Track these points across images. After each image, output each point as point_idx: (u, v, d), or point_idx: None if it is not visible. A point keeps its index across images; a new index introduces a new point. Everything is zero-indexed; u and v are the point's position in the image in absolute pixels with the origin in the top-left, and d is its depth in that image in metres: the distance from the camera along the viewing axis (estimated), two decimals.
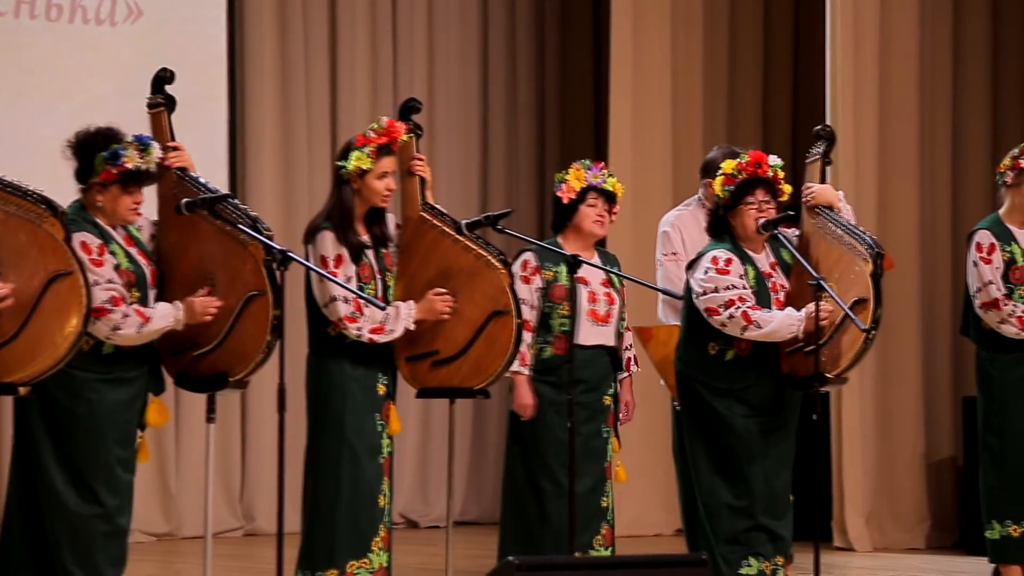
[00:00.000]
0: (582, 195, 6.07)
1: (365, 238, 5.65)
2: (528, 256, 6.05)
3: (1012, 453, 6.58)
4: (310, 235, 5.64)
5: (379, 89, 9.86)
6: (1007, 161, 6.65)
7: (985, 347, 6.65)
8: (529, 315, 5.98)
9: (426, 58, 10.08)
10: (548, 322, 6.01)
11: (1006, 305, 6.54)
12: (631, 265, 8.51)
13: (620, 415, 6.21)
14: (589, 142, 10.46)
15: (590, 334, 6.05)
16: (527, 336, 5.95)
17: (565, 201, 6.06)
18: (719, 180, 6.07)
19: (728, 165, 6.06)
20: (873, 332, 5.96)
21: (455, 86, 10.17)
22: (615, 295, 6.14)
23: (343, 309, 5.53)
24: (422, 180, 5.83)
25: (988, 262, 6.58)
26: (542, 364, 6.01)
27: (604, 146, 9.61)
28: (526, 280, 6.01)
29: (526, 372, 5.98)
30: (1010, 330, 6.54)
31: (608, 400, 6.14)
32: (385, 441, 5.68)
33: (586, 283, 6.08)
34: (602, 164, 6.13)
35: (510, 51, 10.39)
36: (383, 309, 5.57)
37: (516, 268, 6.01)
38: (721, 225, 6.13)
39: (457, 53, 10.17)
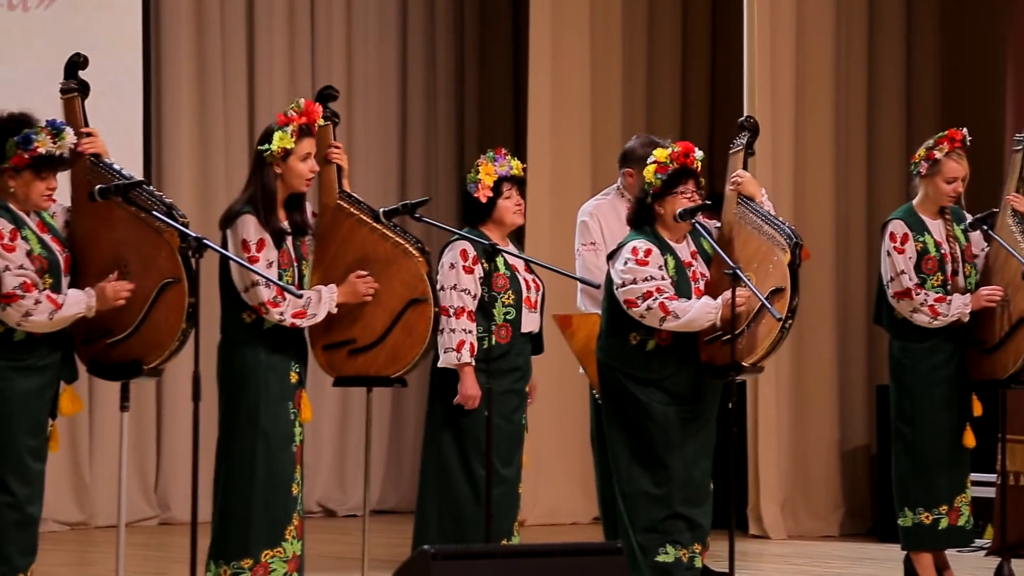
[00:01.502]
0: (497, 188, 6.06)
1: (285, 224, 5.62)
2: (466, 245, 6.01)
3: (923, 441, 6.65)
4: (229, 219, 5.59)
5: (297, 76, 9.80)
6: (921, 152, 6.71)
7: (898, 336, 6.72)
8: (472, 305, 5.96)
9: (344, 45, 10.03)
10: (489, 311, 5.98)
11: (918, 295, 6.60)
12: (550, 254, 8.53)
13: (528, 399, 6.22)
14: (508, 131, 10.45)
15: (526, 321, 6.06)
16: (472, 326, 5.93)
17: (483, 200, 6.04)
18: (651, 168, 6.08)
19: (661, 153, 6.08)
20: (789, 321, 6.01)
21: (373, 73, 10.13)
22: (539, 281, 6.15)
23: (265, 294, 5.50)
24: (339, 168, 5.80)
25: (901, 252, 6.64)
26: (483, 353, 5.97)
27: (523, 135, 9.61)
28: (468, 270, 5.98)
29: (473, 363, 5.95)
30: (922, 319, 6.61)
31: (528, 387, 6.16)
32: (298, 429, 5.66)
33: (518, 271, 6.08)
34: (504, 151, 6.12)
35: (429, 38, 10.36)
36: (299, 297, 5.53)
37: (456, 257, 5.98)
38: (643, 215, 6.15)
39: (375, 40, 10.13)
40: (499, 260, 6.00)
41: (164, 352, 5.34)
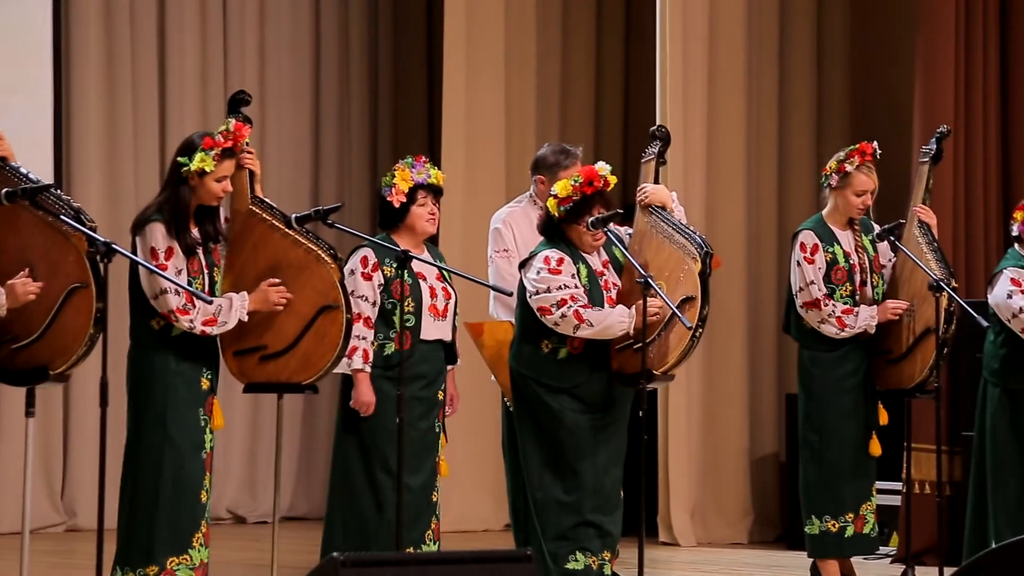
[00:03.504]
0: (411, 195, 6.05)
1: (196, 234, 5.58)
2: (367, 252, 6.01)
3: (830, 450, 6.72)
4: (139, 226, 5.55)
5: (209, 80, 9.74)
6: (832, 164, 6.79)
7: (806, 346, 6.78)
8: (371, 312, 5.95)
9: (257, 49, 9.99)
10: (390, 318, 5.98)
11: (827, 305, 6.67)
12: (463, 261, 8.54)
13: (447, 409, 6.21)
14: (422, 137, 10.45)
15: (430, 329, 6.04)
16: (368, 333, 5.92)
17: (396, 205, 6.03)
18: (552, 203, 6.10)
19: (562, 188, 6.08)
20: (700, 330, 6.04)
21: (287, 78, 10.09)
22: (450, 289, 6.14)
23: (174, 301, 5.45)
24: (251, 173, 5.77)
25: (811, 262, 6.71)
26: (384, 360, 5.97)
27: (437, 141, 9.61)
28: (367, 277, 5.97)
29: (368, 369, 5.94)
30: (830, 330, 6.68)
31: (441, 395, 6.15)
32: (208, 436, 5.62)
33: (424, 279, 6.07)
34: (423, 158, 6.11)
35: (343, 44, 10.34)
36: (209, 304, 5.50)
37: (356, 264, 5.97)
38: (554, 229, 6.17)
39: (289, 44, 10.09)
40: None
41: (71, 357, 5.29)
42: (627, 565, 6.55)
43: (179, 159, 5.56)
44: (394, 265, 5.98)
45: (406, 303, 5.95)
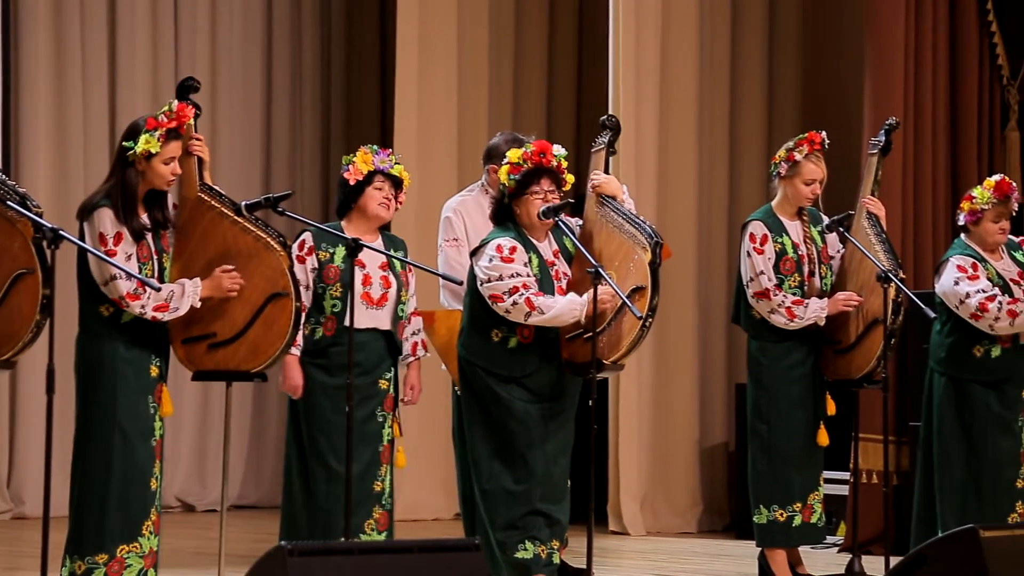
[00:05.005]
0: (369, 178, 6.04)
1: (145, 220, 5.55)
2: (305, 236, 6.01)
3: (779, 440, 6.75)
4: (87, 212, 5.52)
5: (159, 67, 9.68)
6: (781, 153, 6.81)
7: (756, 336, 6.81)
8: (304, 296, 5.93)
9: (208, 36, 9.93)
10: (320, 303, 5.97)
11: (776, 295, 6.70)
12: (415, 250, 8.52)
13: (404, 398, 6.19)
14: (375, 124, 10.43)
15: (363, 317, 6.02)
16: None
17: (352, 183, 6.02)
18: (504, 169, 6.11)
19: (514, 154, 6.11)
20: (650, 320, 6.06)
21: (238, 65, 10.04)
22: (392, 279, 6.11)
23: (124, 287, 5.42)
24: (200, 160, 5.74)
25: (760, 252, 6.73)
26: (313, 345, 5.97)
27: (389, 130, 9.59)
28: (301, 260, 5.97)
29: (296, 353, 5.93)
30: (779, 320, 6.71)
31: (385, 384, 6.11)
32: (157, 424, 5.59)
33: (362, 266, 6.04)
34: (390, 151, 6.11)
35: (295, 31, 10.30)
36: (158, 291, 5.47)
37: (294, 248, 5.96)
38: (505, 213, 6.17)
39: (240, 31, 10.04)
40: (337, 252, 5.99)
41: (17, 344, 5.25)
42: (576, 554, 6.56)
43: (124, 143, 5.53)
44: (331, 250, 5.97)
45: (333, 288, 5.94)
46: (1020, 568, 4.83)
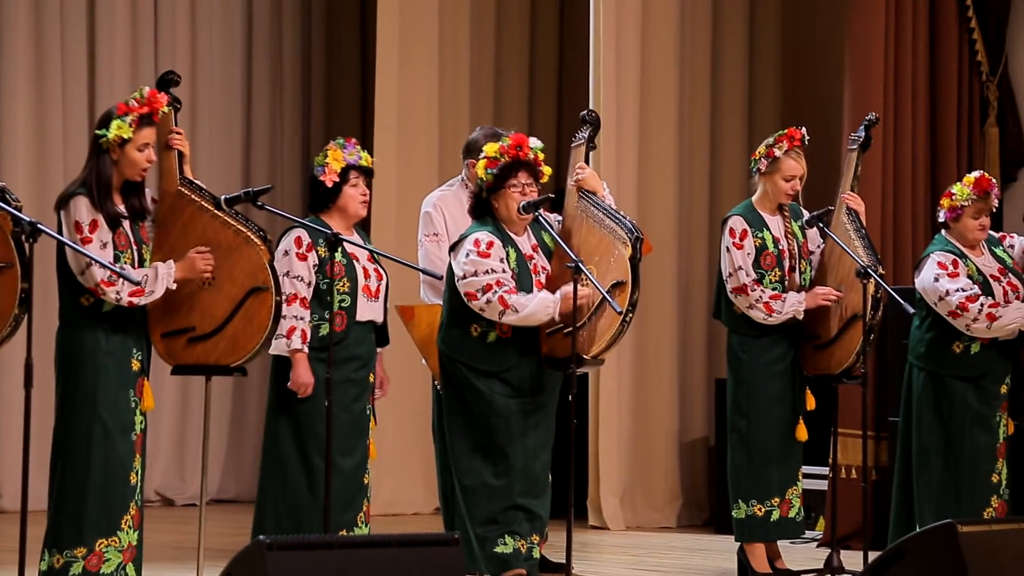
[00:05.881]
0: (344, 176, 6.02)
1: (121, 208, 5.54)
2: (301, 233, 5.97)
3: (758, 435, 6.77)
4: (63, 201, 5.50)
5: (139, 60, 9.66)
6: (762, 149, 6.83)
7: (736, 331, 6.82)
8: (307, 292, 5.91)
9: (188, 29, 9.91)
10: (324, 299, 5.94)
11: (755, 291, 6.72)
12: (395, 244, 8.53)
13: (376, 392, 6.19)
14: (355, 119, 10.42)
15: (364, 310, 6.01)
16: (305, 313, 5.89)
17: (329, 184, 6.00)
18: (482, 163, 6.11)
19: (491, 148, 6.11)
20: (630, 315, 6.07)
21: (218, 59, 10.02)
22: (381, 271, 6.12)
23: (99, 274, 5.41)
24: (180, 154, 5.73)
25: (740, 248, 6.75)
26: (319, 342, 5.93)
27: (369, 124, 9.59)
28: (302, 257, 5.93)
29: (306, 350, 5.89)
30: (758, 315, 6.72)
31: (372, 377, 6.12)
32: (138, 418, 5.58)
33: (357, 259, 6.04)
34: (354, 140, 6.10)
35: (275, 25, 10.29)
36: (137, 283, 5.45)
37: (290, 245, 5.93)
38: (484, 207, 6.18)
39: (220, 25, 10.02)
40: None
41: None
42: (556, 548, 6.58)
43: (97, 131, 5.52)
44: (326, 247, 5.95)
45: (341, 283, 5.93)
46: (997, 563, 4.85)
